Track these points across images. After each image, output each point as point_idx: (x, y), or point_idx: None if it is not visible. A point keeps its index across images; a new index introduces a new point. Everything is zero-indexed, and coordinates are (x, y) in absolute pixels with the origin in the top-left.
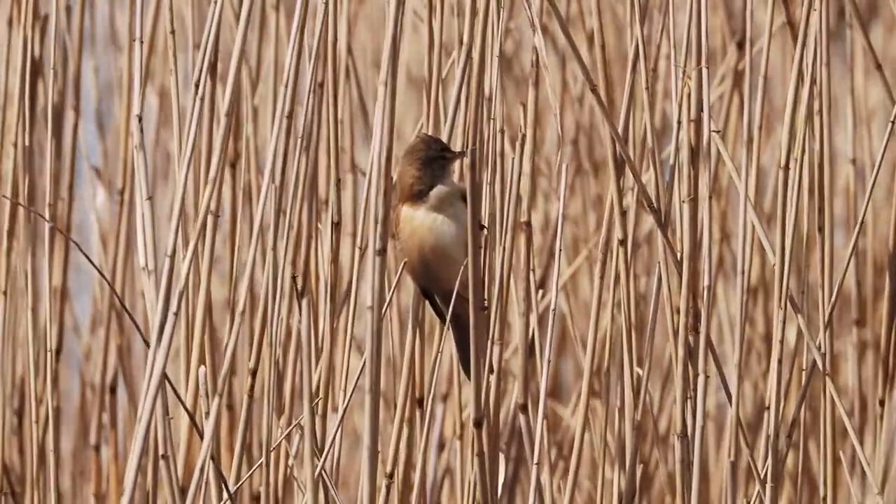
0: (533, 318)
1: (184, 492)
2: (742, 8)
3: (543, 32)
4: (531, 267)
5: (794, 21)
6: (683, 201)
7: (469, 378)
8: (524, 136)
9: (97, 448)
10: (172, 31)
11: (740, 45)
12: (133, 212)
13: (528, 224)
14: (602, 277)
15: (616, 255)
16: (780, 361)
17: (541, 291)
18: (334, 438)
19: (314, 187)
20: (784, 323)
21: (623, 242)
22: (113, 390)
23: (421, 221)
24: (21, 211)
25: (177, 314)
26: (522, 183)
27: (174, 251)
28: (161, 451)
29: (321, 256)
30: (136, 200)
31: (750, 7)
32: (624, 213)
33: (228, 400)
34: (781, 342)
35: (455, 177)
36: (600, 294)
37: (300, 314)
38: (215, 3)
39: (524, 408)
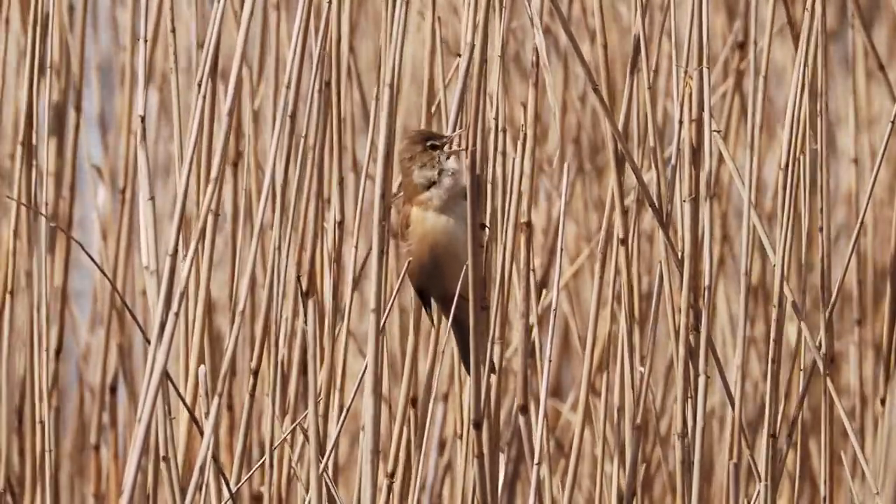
0: (532, 319)
1: (184, 492)
2: (744, 7)
3: (545, 32)
4: (531, 267)
5: (795, 21)
6: (684, 201)
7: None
8: (525, 135)
9: (97, 448)
10: (173, 30)
11: (741, 46)
12: (134, 211)
13: (529, 224)
14: (602, 276)
15: (616, 253)
16: (778, 361)
17: (542, 291)
18: (336, 438)
19: (319, 187)
20: (783, 323)
21: (624, 241)
22: (113, 390)
23: (433, 223)
24: (22, 210)
25: (177, 314)
26: (523, 182)
27: (175, 251)
28: (162, 453)
29: (325, 256)
30: (139, 200)
31: (753, 6)
32: (626, 213)
33: (230, 400)
34: (779, 342)
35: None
36: (599, 292)
37: (305, 314)
38: (218, 1)
39: (524, 409)
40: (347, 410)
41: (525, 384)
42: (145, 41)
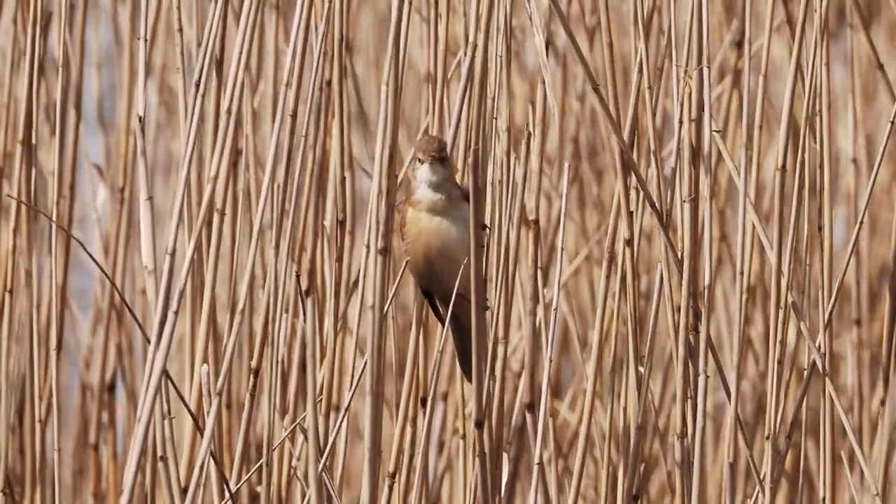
0: (539, 314)
1: (185, 491)
2: (741, 6)
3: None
4: (538, 265)
5: (794, 20)
6: (684, 201)
7: (469, 380)
8: (530, 133)
9: (96, 447)
10: (180, 29)
11: (739, 44)
12: (134, 210)
13: (536, 222)
14: (608, 277)
15: (623, 254)
16: (779, 362)
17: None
18: (336, 438)
19: (321, 185)
20: (784, 323)
21: (629, 242)
22: (112, 389)
23: (426, 224)
24: (23, 209)
25: (177, 313)
26: (531, 181)
27: (174, 250)
28: (160, 453)
29: (325, 256)
30: (139, 199)
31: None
32: (631, 214)
33: (230, 399)
34: (782, 343)
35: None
36: (606, 293)
37: (305, 314)
38: (215, 1)
39: (530, 407)
40: (347, 409)
41: (531, 382)
42: (146, 40)
